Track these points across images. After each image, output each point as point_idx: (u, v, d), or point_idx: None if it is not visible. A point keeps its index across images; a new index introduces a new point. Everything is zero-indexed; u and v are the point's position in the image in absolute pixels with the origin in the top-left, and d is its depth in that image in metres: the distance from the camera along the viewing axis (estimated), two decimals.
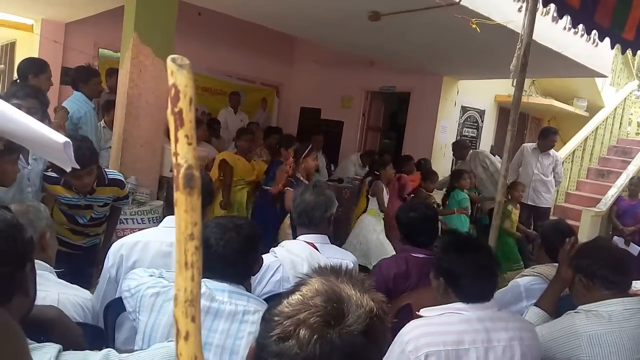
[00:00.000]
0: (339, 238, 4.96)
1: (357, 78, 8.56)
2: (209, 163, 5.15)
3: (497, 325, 1.61)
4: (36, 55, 6.07)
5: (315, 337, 0.77)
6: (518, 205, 5.85)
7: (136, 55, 3.79)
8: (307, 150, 4.46)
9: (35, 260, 1.45)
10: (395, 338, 1.59)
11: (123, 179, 3.05)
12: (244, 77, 8.92)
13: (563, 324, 1.87)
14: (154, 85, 3.81)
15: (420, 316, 1.68)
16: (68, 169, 1.43)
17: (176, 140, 0.57)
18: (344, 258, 2.31)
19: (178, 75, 0.57)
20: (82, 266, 2.94)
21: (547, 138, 6.46)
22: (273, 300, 0.88)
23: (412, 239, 2.56)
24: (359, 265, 2.91)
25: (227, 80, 8.69)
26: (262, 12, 5.24)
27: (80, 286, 1.65)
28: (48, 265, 1.61)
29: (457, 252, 1.73)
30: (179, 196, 0.57)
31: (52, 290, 1.49)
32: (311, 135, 7.60)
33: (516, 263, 5.46)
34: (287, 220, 4.31)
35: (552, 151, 6.62)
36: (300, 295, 0.83)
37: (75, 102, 4.08)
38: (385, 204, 5.15)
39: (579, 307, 1.89)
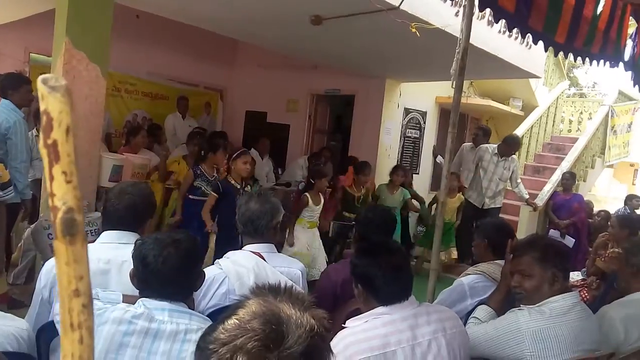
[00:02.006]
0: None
1: (302, 81, 8.55)
2: (150, 171, 5.00)
3: (419, 321, 1.63)
4: None
5: None
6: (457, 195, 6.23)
7: (69, 61, 3.61)
8: (237, 153, 4.39)
9: None
10: None
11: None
12: (186, 81, 8.72)
13: (507, 322, 1.92)
14: (88, 91, 3.64)
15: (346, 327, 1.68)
16: None
17: (51, 179, 0.47)
18: (291, 266, 2.29)
19: (50, 99, 0.47)
20: None
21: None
22: (215, 318, 0.84)
23: (360, 246, 2.56)
24: None
25: (168, 84, 8.45)
26: (202, 15, 5.13)
27: None
28: None
29: (368, 257, 1.74)
30: (58, 246, 0.48)
31: None
32: (257, 139, 7.54)
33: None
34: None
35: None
36: (237, 319, 0.80)
37: (3, 111, 3.85)
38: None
39: (522, 305, 1.95)
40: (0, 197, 3.28)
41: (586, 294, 4.17)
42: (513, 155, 6.65)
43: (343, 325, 1.70)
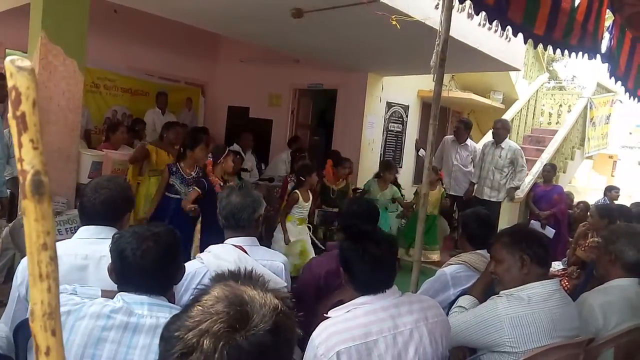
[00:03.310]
0: (270, 238, 4.88)
1: (284, 76, 8.52)
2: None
3: (401, 310, 1.65)
4: None
5: (221, 344, 0.74)
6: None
7: (45, 56, 3.55)
8: (225, 153, 4.38)
9: None
10: (308, 343, 1.60)
11: None
12: (167, 76, 8.62)
13: (486, 309, 1.94)
14: (65, 87, 3.58)
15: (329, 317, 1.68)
16: None
17: (20, 146, 0.54)
18: (273, 259, 2.28)
19: (19, 77, 0.54)
20: None
21: (459, 130, 6.83)
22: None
23: (347, 233, 2.55)
24: None
25: (148, 80, 8.35)
26: (181, 9, 5.07)
27: None
28: None
29: (353, 244, 1.74)
30: (28, 204, 0.54)
31: None
32: (240, 134, 7.50)
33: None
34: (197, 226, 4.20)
35: (469, 142, 6.91)
36: (200, 305, 0.80)
37: None
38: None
39: (502, 292, 1.97)
40: None
41: (567, 283, 4.23)
42: (511, 144, 6.78)
43: (325, 315, 1.70)
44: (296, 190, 4.91)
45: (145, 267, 1.46)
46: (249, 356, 0.75)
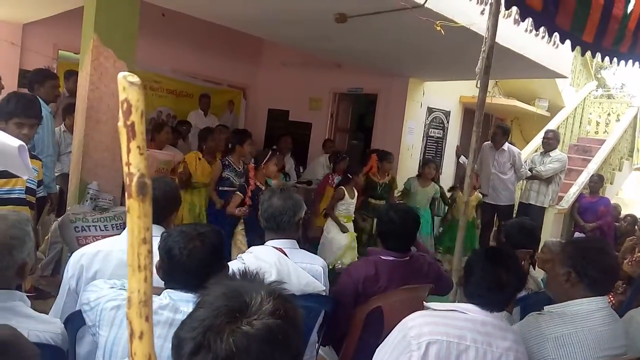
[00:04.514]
0: (307, 242, 4.93)
1: (324, 80, 8.55)
2: (175, 167, 5.05)
3: (497, 333, 1.64)
4: None
5: (225, 334, 0.77)
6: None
7: (96, 58, 3.68)
8: (268, 156, 4.43)
9: (6, 291, 1.39)
10: (398, 324, 1.64)
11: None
12: (210, 78, 8.79)
13: (528, 327, 1.89)
14: (115, 88, 3.65)
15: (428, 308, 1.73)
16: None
17: (128, 151, 0.60)
18: (313, 262, 2.29)
19: (130, 90, 0.61)
20: None
21: (496, 136, 6.65)
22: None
23: (385, 240, 2.54)
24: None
25: (192, 82, 8.54)
26: (227, 14, 5.17)
27: None
28: (20, 293, 1.53)
29: (487, 260, 1.75)
30: (132, 203, 0.60)
31: (20, 327, 1.42)
32: (279, 137, 7.57)
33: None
34: (239, 226, 4.28)
35: (508, 147, 6.72)
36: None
37: None
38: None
39: (545, 308, 1.92)
40: (38, 194, 3.33)
41: (612, 299, 4.09)
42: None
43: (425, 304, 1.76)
44: (342, 187, 4.97)
45: (191, 265, 1.50)
46: (256, 340, 0.77)
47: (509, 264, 1.74)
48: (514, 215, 6.65)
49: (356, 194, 5.16)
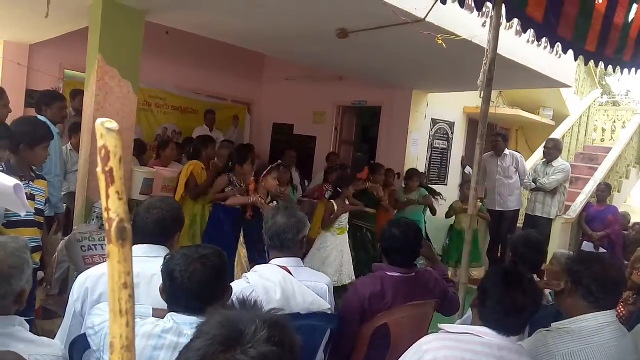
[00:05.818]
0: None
1: (328, 93, 8.59)
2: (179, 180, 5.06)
3: (513, 357, 1.62)
4: None
5: None
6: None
7: (102, 77, 3.73)
8: (267, 170, 4.44)
9: (6, 317, 1.39)
10: (412, 346, 1.62)
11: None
12: (214, 94, 8.86)
13: (536, 344, 1.87)
14: (120, 107, 3.75)
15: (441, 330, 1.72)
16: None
17: (107, 197, 0.61)
18: (318, 280, 2.28)
19: (108, 137, 0.61)
20: None
21: (498, 144, 6.75)
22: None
23: (389, 256, 2.53)
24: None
25: (197, 98, 8.61)
26: (230, 31, 5.21)
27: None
28: (19, 319, 1.53)
29: (502, 282, 1.71)
30: (112, 248, 0.60)
31: (22, 352, 1.42)
32: (284, 151, 7.59)
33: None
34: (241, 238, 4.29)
35: (508, 152, 6.74)
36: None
37: None
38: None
39: (553, 325, 1.90)
40: (46, 213, 3.36)
41: (622, 310, 4.03)
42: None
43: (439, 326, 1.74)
44: (332, 201, 4.98)
45: (192, 288, 1.50)
46: None
47: (526, 287, 1.69)
48: (521, 227, 6.62)
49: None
